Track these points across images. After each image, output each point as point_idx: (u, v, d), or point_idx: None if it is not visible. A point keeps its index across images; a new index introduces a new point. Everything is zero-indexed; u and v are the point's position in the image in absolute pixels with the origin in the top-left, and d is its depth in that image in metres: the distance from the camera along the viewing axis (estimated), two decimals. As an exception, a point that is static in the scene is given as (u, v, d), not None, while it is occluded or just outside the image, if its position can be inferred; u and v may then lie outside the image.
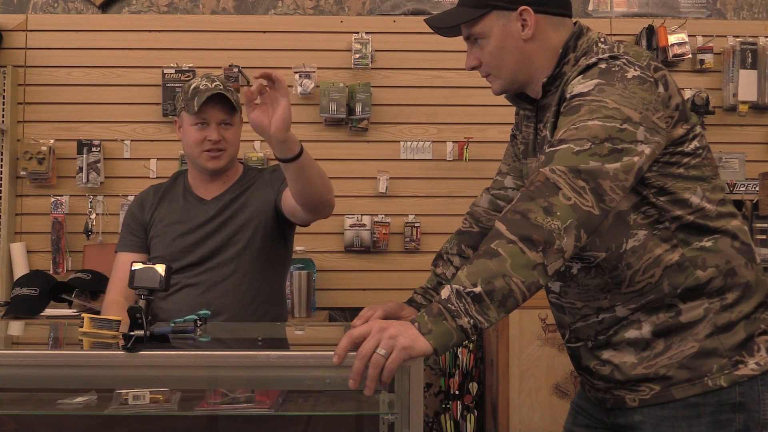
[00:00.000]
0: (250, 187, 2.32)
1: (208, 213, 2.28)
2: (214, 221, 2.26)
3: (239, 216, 2.27)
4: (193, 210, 2.29)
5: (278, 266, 2.34)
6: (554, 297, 1.61)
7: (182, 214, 2.29)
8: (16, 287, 3.26)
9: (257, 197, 2.29)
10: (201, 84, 2.25)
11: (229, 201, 2.29)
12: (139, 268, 1.42)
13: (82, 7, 3.68)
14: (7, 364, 1.40)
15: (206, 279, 2.22)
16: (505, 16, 1.55)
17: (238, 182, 2.34)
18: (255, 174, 2.38)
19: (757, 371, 1.43)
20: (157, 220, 2.31)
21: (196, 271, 2.23)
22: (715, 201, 1.47)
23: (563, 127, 1.39)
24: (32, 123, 3.60)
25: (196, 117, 2.23)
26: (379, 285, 3.57)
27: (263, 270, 2.28)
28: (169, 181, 2.42)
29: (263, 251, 2.26)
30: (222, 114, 2.25)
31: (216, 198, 2.31)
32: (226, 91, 2.24)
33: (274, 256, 2.31)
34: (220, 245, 2.24)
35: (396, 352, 1.25)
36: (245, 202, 2.29)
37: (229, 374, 1.41)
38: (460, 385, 3.43)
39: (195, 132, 2.24)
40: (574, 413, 1.71)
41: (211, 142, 2.23)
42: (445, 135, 3.62)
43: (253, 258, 2.25)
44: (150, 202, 2.35)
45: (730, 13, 3.76)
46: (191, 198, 2.32)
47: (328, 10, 3.69)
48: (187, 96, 2.25)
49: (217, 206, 2.29)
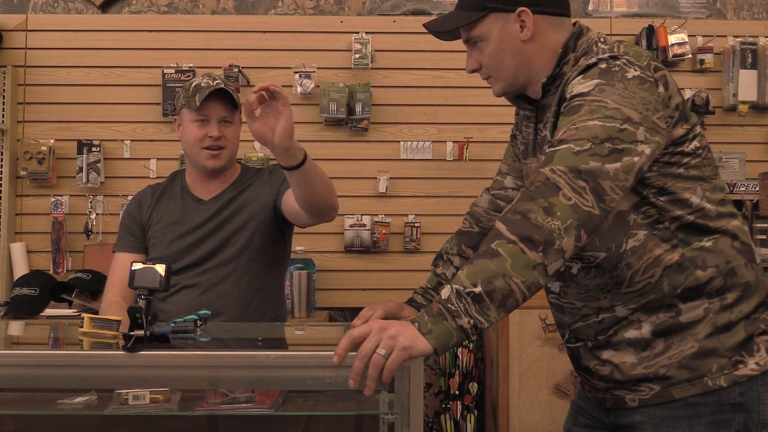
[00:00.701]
0: (248, 187, 2.32)
1: (206, 213, 2.27)
2: (212, 222, 2.26)
3: (238, 217, 2.26)
4: (191, 211, 2.29)
5: (277, 266, 2.34)
6: (554, 297, 1.61)
7: (180, 215, 2.29)
8: (16, 287, 3.26)
9: (256, 198, 2.29)
10: (202, 81, 2.26)
11: (227, 201, 2.29)
12: (139, 268, 1.42)
13: (82, 7, 3.68)
14: (7, 364, 1.40)
15: (205, 280, 2.22)
16: (503, 18, 1.55)
17: (236, 182, 2.34)
18: (253, 174, 2.38)
19: (757, 371, 1.43)
20: (155, 221, 2.31)
21: (195, 272, 2.23)
22: (715, 201, 1.47)
23: (563, 127, 1.39)
24: (32, 123, 3.60)
25: (197, 113, 2.24)
26: (379, 285, 3.57)
27: (262, 270, 2.28)
28: (166, 180, 2.41)
29: (262, 251, 2.26)
30: (223, 111, 2.26)
31: (214, 198, 2.31)
32: (227, 87, 2.25)
33: (273, 256, 2.31)
34: (219, 246, 2.24)
35: (396, 352, 1.25)
36: (244, 202, 2.29)
37: (229, 374, 1.41)
38: (460, 385, 3.43)
39: (195, 129, 2.25)
40: (574, 413, 1.71)
41: (211, 139, 2.24)
42: (445, 135, 3.62)
43: (252, 258, 2.25)
44: (148, 203, 2.34)
45: (730, 13, 3.76)
46: (189, 198, 2.32)
47: (328, 10, 3.70)
48: (188, 93, 2.26)
49: (215, 206, 2.28)
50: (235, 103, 2.28)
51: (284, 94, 1.74)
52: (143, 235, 2.32)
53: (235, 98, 2.26)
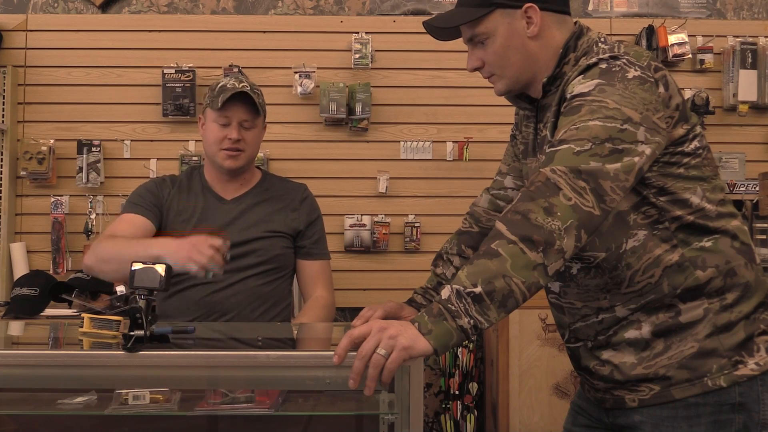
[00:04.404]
0: (273, 199, 2.34)
1: (229, 214, 2.30)
2: (235, 224, 2.28)
3: (260, 226, 2.29)
4: (212, 209, 2.31)
5: (287, 272, 2.38)
6: (554, 297, 1.61)
7: (202, 212, 2.30)
8: (16, 287, 3.26)
9: (282, 219, 2.33)
10: (228, 83, 2.27)
11: (250, 205, 2.31)
12: (139, 268, 1.42)
13: (82, 7, 3.68)
14: (7, 364, 1.40)
15: (220, 279, 2.23)
16: (509, 14, 1.54)
17: (258, 187, 2.36)
18: (278, 183, 2.41)
19: (757, 371, 1.43)
20: (174, 210, 2.30)
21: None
22: (715, 201, 1.47)
23: (564, 128, 1.38)
24: (32, 123, 3.59)
25: (219, 114, 2.25)
26: (379, 285, 3.57)
27: (274, 273, 2.31)
28: (184, 174, 2.42)
29: (277, 257, 2.30)
30: (244, 114, 2.27)
31: (236, 199, 2.33)
32: (251, 92, 2.25)
33: (285, 261, 2.35)
34: (239, 248, 2.24)
35: (396, 352, 1.25)
36: (268, 215, 2.31)
37: (229, 374, 1.41)
38: (460, 385, 3.43)
39: (216, 129, 2.26)
40: (574, 413, 1.71)
41: (230, 141, 2.25)
42: (445, 135, 3.62)
43: (267, 262, 2.29)
44: (168, 189, 2.35)
45: (730, 13, 3.76)
46: (210, 195, 2.33)
47: (328, 10, 3.69)
48: (213, 93, 2.27)
49: (237, 208, 2.31)
50: (257, 107, 2.28)
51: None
52: (159, 212, 2.30)
53: (257, 103, 2.27)
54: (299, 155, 3.57)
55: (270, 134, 3.55)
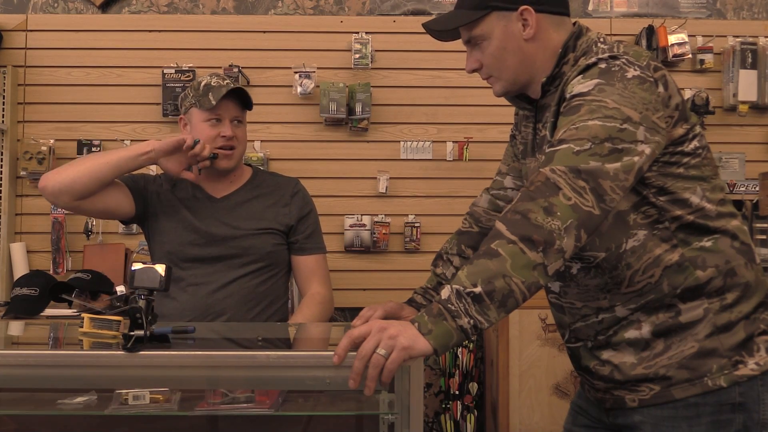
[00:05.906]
0: (264, 195, 2.33)
1: (220, 212, 2.28)
2: (225, 223, 2.26)
3: (252, 222, 2.27)
4: (204, 208, 2.29)
5: (281, 266, 2.35)
6: (554, 297, 1.61)
7: (193, 212, 2.29)
8: (16, 287, 3.25)
9: (274, 214, 2.31)
10: (212, 81, 2.26)
11: (241, 202, 2.30)
12: (139, 268, 1.42)
13: (82, 7, 3.68)
14: (7, 364, 1.40)
15: (215, 279, 2.23)
16: (505, 16, 1.54)
17: (248, 184, 2.35)
18: (269, 179, 2.39)
19: (757, 371, 1.43)
20: (166, 205, 2.30)
21: (205, 271, 2.23)
22: (715, 201, 1.47)
23: (563, 127, 1.38)
24: (32, 123, 3.59)
25: (211, 113, 2.24)
26: (379, 285, 3.57)
27: (268, 271, 2.29)
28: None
29: (269, 255, 2.28)
30: (236, 110, 2.27)
31: (226, 197, 2.32)
32: (242, 86, 2.26)
33: (278, 258, 2.32)
34: (231, 247, 2.24)
35: (396, 352, 1.25)
36: (260, 211, 2.30)
37: (229, 374, 1.41)
38: (460, 385, 3.43)
39: (208, 128, 2.25)
40: (574, 413, 1.71)
41: (224, 138, 2.25)
42: (445, 135, 3.62)
43: (259, 260, 2.27)
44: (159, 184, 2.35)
45: (730, 13, 3.76)
46: (200, 194, 2.33)
47: (328, 10, 3.69)
48: (199, 93, 2.26)
49: (228, 206, 2.30)
50: (246, 102, 2.28)
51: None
52: (142, 198, 2.30)
53: (249, 98, 2.28)
54: (299, 155, 3.57)
55: (270, 134, 3.57)
